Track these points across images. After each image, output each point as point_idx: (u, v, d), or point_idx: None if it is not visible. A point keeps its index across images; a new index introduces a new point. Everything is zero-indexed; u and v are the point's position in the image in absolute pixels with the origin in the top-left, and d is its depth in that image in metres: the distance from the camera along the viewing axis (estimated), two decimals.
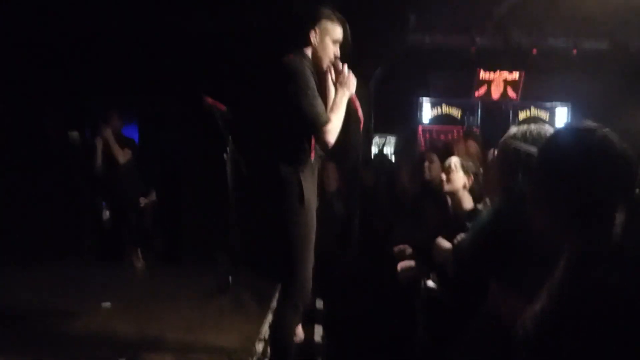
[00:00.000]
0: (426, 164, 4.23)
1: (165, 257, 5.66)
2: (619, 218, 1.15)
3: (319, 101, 2.45)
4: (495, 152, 2.04)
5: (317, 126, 2.42)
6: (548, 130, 1.80)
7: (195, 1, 5.76)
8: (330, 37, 2.55)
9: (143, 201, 5.55)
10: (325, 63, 2.59)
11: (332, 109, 2.50)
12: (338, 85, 2.54)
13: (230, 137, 4.50)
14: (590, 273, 1.11)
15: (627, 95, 7.64)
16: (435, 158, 4.04)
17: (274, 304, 3.85)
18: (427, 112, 9.25)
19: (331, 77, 2.61)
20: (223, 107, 4.36)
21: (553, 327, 1.12)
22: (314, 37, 2.54)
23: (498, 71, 8.47)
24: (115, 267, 5.19)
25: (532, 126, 1.84)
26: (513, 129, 1.88)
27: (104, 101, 7.04)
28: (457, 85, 8.94)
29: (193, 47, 5.96)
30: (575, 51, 7.56)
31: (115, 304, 3.97)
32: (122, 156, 5.34)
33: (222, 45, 5.90)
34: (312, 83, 2.46)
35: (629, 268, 1.11)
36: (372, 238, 4.38)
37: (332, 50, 2.57)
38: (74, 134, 5.90)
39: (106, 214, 5.43)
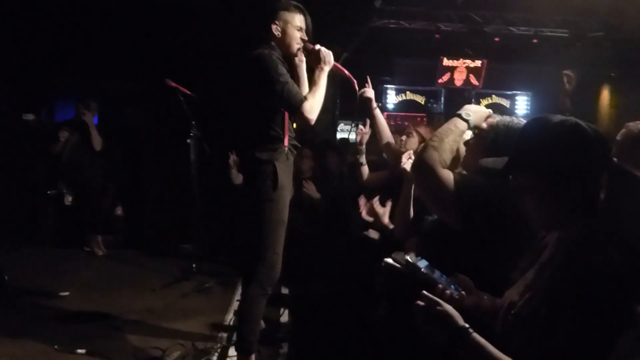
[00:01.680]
0: (403, 137, 4.22)
1: (127, 242, 5.55)
2: (604, 192, 1.22)
3: (292, 83, 2.50)
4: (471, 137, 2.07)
5: (295, 106, 2.47)
6: (518, 122, 1.85)
7: None
8: (292, 26, 2.62)
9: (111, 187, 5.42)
10: (294, 50, 2.65)
11: (310, 87, 2.57)
12: (315, 64, 2.58)
13: (194, 121, 4.44)
14: (592, 257, 1.15)
15: (586, 83, 7.89)
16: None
17: (240, 290, 3.84)
18: (392, 98, 9.34)
19: (303, 59, 2.66)
20: (186, 91, 4.29)
21: (553, 311, 1.14)
22: (275, 29, 2.62)
23: (461, 59, 8.60)
24: (76, 253, 5.06)
25: (507, 118, 1.89)
26: (494, 120, 1.92)
27: (60, 83, 6.83)
28: (421, 72, 9.04)
29: (156, 28, 5.79)
30: (535, 40, 7.73)
31: (74, 292, 3.87)
32: (99, 144, 5.18)
33: (188, 27, 5.75)
34: (283, 69, 2.51)
35: (626, 245, 1.16)
36: (339, 221, 4.41)
37: (297, 37, 2.63)
38: (30, 116, 5.69)
39: (68, 199, 5.25)
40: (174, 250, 5.15)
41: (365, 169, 3.77)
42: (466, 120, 1.84)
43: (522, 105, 9.68)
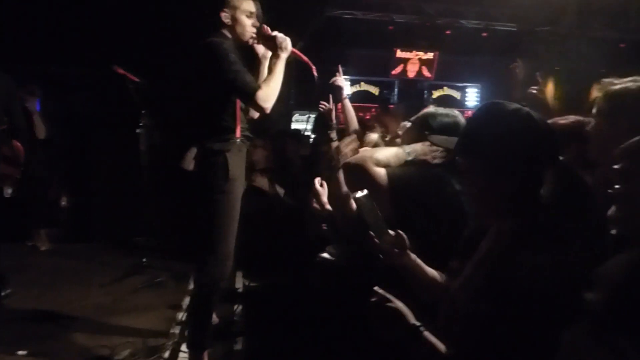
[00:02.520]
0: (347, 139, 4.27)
1: (73, 236, 5.34)
2: (546, 187, 1.22)
3: (245, 72, 2.45)
4: (407, 125, 2.12)
5: (249, 94, 2.42)
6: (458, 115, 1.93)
7: None
8: (241, 12, 2.56)
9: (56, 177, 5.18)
10: (246, 38, 2.59)
11: (267, 75, 2.51)
12: (273, 50, 2.54)
13: (144, 109, 4.30)
14: (521, 253, 1.15)
15: (533, 74, 8.14)
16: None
17: (192, 285, 3.77)
18: (346, 89, 9.35)
19: (260, 45, 2.62)
20: (135, 78, 4.15)
21: (494, 307, 1.14)
22: (225, 17, 2.56)
23: (414, 51, 8.70)
24: (18, 248, 4.83)
25: (445, 110, 1.99)
26: (430, 108, 2.03)
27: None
28: (375, 63, 9.09)
29: (104, 10, 5.55)
30: (485, 34, 7.91)
31: (17, 290, 3.68)
32: (42, 131, 4.92)
33: (137, 11, 5.54)
34: (234, 58, 2.45)
35: (557, 246, 1.17)
36: (291, 213, 4.39)
37: (249, 23, 2.58)
38: None
39: (7, 191, 4.99)
40: (124, 243, 5.00)
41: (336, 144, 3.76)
42: (408, 154, 1.87)
43: (473, 96, 9.91)
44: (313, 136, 6.14)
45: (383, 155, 1.82)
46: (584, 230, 1.31)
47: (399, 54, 8.75)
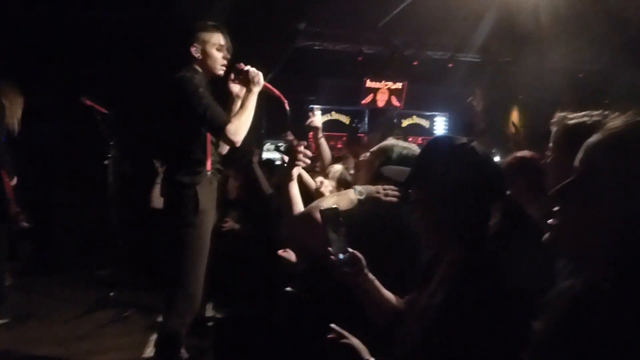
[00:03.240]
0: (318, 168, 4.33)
1: (36, 267, 5.16)
2: (494, 219, 1.25)
3: (215, 106, 2.46)
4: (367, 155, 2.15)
5: (219, 128, 2.43)
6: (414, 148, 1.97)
7: None
8: (211, 45, 2.59)
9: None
10: (217, 71, 2.62)
11: (239, 108, 2.52)
12: (245, 84, 2.56)
13: (112, 141, 4.25)
14: (469, 284, 1.18)
15: (498, 105, 8.41)
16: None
17: (160, 319, 3.67)
18: (318, 118, 9.45)
19: (233, 80, 2.63)
20: (103, 110, 4.11)
21: (445, 341, 1.15)
22: (195, 51, 2.58)
23: (383, 81, 8.87)
24: None
25: (406, 145, 2.00)
26: (391, 140, 2.05)
27: None
28: (345, 93, 9.23)
29: (72, 41, 5.49)
30: (451, 65, 8.14)
31: None
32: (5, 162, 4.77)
33: (106, 42, 5.50)
34: (204, 92, 2.47)
35: (503, 274, 1.20)
36: (260, 242, 4.35)
37: (219, 56, 2.61)
38: None
39: None
40: (90, 276, 4.86)
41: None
42: (360, 194, 1.90)
43: (441, 125, 10.13)
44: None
45: (329, 203, 1.83)
46: (530, 260, 1.34)
47: (369, 83, 8.91)
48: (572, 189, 0.85)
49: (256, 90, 2.54)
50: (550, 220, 0.88)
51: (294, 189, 2.00)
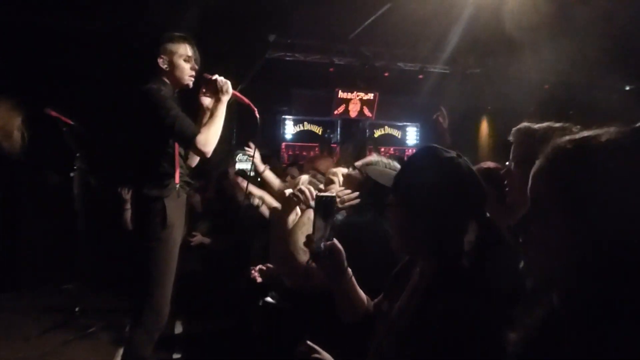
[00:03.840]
0: (288, 178, 4.32)
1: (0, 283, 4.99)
2: (469, 237, 1.25)
3: (184, 117, 2.41)
4: (352, 171, 2.16)
5: (188, 139, 2.38)
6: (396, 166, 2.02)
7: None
8: (179, 56, 2.55)
9: None
10: (185, 82, 2.57)
11: (209, 118, 2.47)
12: (214, 94, 2.52)
13: (78, 152, 4.16)
14: (440, 297, 1.17)
15: (468, 115, 8.57)
16: (296, 173, 4.12)
17: (127, 334, 3.58)
18: (290, 129, 9.47)
19: (203, 90, 2.60)
20: (68, 121, 4.01)
21: (411, 350, 1.15)
22: (162, 63, 2.53)
23: (355, 91, 8.94)
24: None
25: (392, 161, 2.07)
26: (374, 157, 2.09)
27: None
28: (318, 103, 9.27)
29: (36, 52, 5.37)
30: (421, 76, 8.26)
31: None
32: None
33: (71, 52, 5.40)
34: (172, 104, 2.42)
35: (476, 287, 1.20)
36: (233, 253, 4.31)
37: (187, 67, 2.56)
38: None
39: None
40: (54, 291, 4.72)
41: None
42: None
43: (412, 135, 10.25)
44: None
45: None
46: (501, 273, 1.35)
47: (341, 94, 8.97)
48: (530, 221, 0.86)
49: (225, 99, 2.50)
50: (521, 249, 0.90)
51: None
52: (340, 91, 8.90)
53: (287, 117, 9.45)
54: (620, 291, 0.76)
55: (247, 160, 8.49)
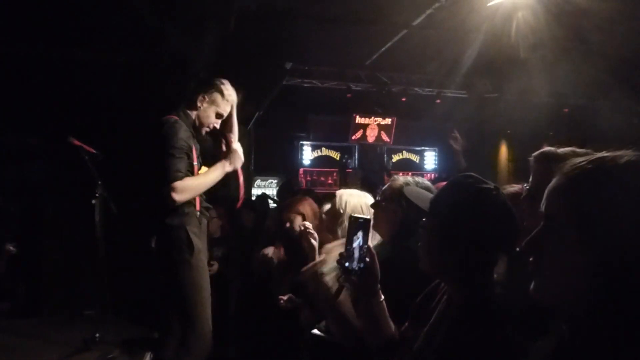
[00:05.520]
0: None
1: (22, 308, 5.04)
2: (499, 271, 1.24)
3: (179, 160, 2.44)
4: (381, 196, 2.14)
5: (167, 179, 2.38)
6: (430, 184, 2.00)
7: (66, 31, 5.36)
8: (215, 109, 2.61)
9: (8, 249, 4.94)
10: (202, 130, 2.64)
11: (205, 173, 2.55)
12: (223, 157, 2.60)
13: (99, 181, 4.23)
14: (468, 329, 1.17)
15: (486, 139, 8.53)
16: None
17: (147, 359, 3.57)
18: (308, 154, 9.52)
19: (223, 143, 2.69)
20: (91, 150, 4.10)
21: None
22: (200, 101, 2.59)
23: (372, 116, 8.97)
24: None
25: (420, 179, 2.05)
26: (403, 178, 2.06)
27: None
28: (335, 129, 9.32)
29: (61, 81, 5.53)
30: (438, 100, 8.27)
31: None
32: None
33: (94, 83, 5.54)
34: (182, 144, 2.46)
35: (502, 328, 1.18)
36: (253, 280, 4.29)
37: (213, 121, 2.63)
38: None
39: None
40: (77, 317, 4.74)
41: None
42: None
43: (431, 160, 10.20)
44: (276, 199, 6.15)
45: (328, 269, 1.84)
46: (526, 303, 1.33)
47: (358, 119, 9.01)
48: (542, 239, 0.85)
49: (228, 169, 2.58)
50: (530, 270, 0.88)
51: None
52: (357, 116, 8.95)
53: (304, 142, 9.51)
54: (630, 319, 0.74)
55: (266, 186, 8.56)
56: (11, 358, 3.78)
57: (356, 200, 2.48)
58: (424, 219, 1.36)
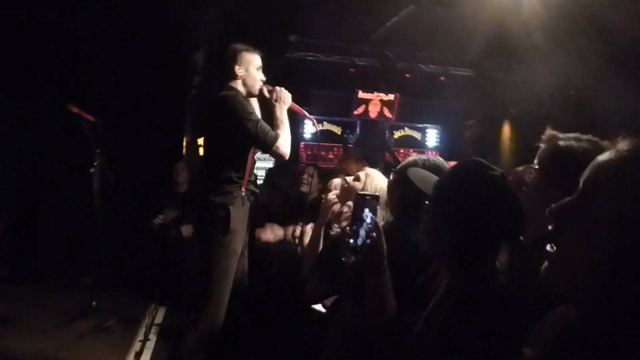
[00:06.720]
0: (305, 176, 4.31)
1: (20, 274, 5.07)
2: (502, 259, 1.21)
3: (263, 122, 2.52)
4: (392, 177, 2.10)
5: (269, 144, 2.49)
6: (443, 162, 1.95)
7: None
8: (253, 66, 2.69)
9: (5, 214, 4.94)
10: (256, 90, 2.70)
11: (277, 125, 2.59)
12: (275, 102, 2.64)
13: (98, 149, 4.19)
14: (469, 313, 1.15)
15: (489, 118, 8.45)
16: (313, 172, 4.08)
17: (142, 329, 3.61)
18: (310, 128, 9.45)
19: (265, 98, 2.71)
20: (90, 117, 4.05)
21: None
22: (238, 70, 2.65)
23: (375, 92, 8.87)
24: None
25: (431, 157, 1.98)
26: (413, 157, 2.01)
27: None
28: (338, 104, 9.22)
29: (60, 47, 5.43)
30: (443, 78, 8.16)
31: None
32: None
33: (93, 49, 5.44)
34: (251, 108, 2.54)
35: (503, 313, 1.16)
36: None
37: (258, 76, 2.70)
38: None
39: None
40: (73, 284, 4.77)
41: None
42: None
43: (432, 137, 10.12)
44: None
45: None
46: (527, 291, 1.30)
47: (361, 94, 8.90)
48: (574, 209, 0.78)
49: (285, 107, 2.65)
50: (547, 247, 0.81)
51: None
52: (360, 91, 8.85)
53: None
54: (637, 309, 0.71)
55: (266, 159, 8.52)
56: (9, 324, 3.81)
57: (378, 182, 2.44)
58: (426, 202, 1.33)
